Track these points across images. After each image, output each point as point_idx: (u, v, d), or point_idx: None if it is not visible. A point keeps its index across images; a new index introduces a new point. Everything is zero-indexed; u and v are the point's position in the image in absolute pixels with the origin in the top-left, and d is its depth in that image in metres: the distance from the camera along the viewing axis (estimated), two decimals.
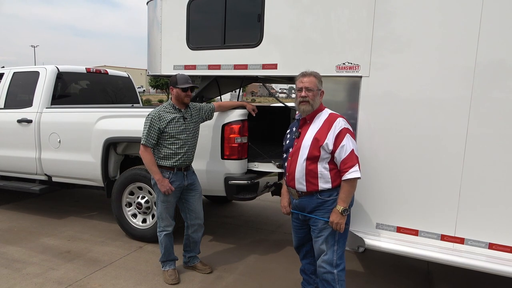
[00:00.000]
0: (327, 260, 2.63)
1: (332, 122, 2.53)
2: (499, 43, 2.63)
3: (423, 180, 2.93)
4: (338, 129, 2.51)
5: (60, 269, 3.67)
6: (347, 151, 2.48)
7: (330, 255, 2.63)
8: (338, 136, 2.49)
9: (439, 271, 3.75)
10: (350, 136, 2.53)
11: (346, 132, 2.51)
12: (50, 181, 4.98)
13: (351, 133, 2.56)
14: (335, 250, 2.62)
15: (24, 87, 5.12)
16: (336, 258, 2.63)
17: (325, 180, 2.55)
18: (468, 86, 2.73)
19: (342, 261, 2.67)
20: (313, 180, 2.57)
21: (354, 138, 2.61)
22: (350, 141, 2.50)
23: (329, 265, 2.63)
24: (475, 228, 2.81)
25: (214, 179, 3.81)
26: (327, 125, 2.54)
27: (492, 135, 2.70)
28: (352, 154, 2.48)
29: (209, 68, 3.85)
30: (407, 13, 2.89)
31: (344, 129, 2.52)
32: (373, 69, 3.04)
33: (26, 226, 4.89)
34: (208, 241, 4.42)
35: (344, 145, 2.48)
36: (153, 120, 3.26)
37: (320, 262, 2.67)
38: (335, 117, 2.57)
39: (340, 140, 2.48)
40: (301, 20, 3.35)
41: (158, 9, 4.10)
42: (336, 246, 2.62)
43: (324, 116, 2.60)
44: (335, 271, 2.62)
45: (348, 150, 2.48)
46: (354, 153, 2.49)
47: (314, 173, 2.55)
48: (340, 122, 2.54)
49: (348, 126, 2.56)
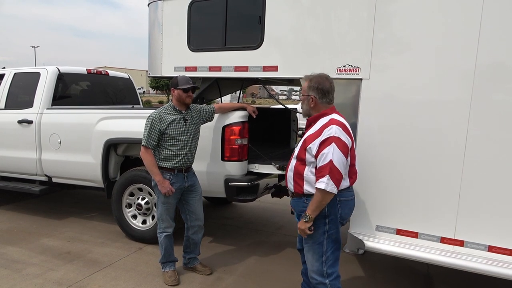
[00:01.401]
0: (316, 271, 2.56)
1: (325, 128, 2.44)
2: (499, 45, 2.64)
3: (423, 182, 2.93)
4: (325, 136, 2.38)
5: (60, 270, 3.68)
6: (325, 160, 2.34)
7: (319, 266, 2.54)
8: (323, 143, 2.39)
9: (439, 274, 3.75)
10: (336, 145, 2.35)
11: (332, 140, 2.36)
12: (50, 182, 4.98)
13: (340, 143, 2.36)
14: (324, 261, 2.53)
15: (24, 88, 5.12)
16: (325, 268, 2.54)
17: (310, 184, 2.48)
18: (468, 88, 2.73)
19: (335, 269, 2.57)
20: (299, 182, 2.54)
21: (346, 150, 2.39)
22: (332, 151, 2.34)
23: (320, 276, 2.55)
24: (474, 230, 2.81)
25: (214, 181, 3.81)
26: (319, 130, 2.46)
27: (492, 138, 2.70)
28: (328, 165, 2.33)
29: (210, 69, 3.86)
30: (407, 15, 2.90)
31: (332, 137, 2.37)
32: (374, 71, 3.04)
33: (26, 227, 4.89)
34: (208, 242, 4.42)
35: (324, 153, 2.35)
36: (153, 121, 3.27)
37: (310, 273, 2.61)
38: (330, 123, 2.43)
39: (324, 147, 2.37)
40: (301, 22, 3.36)
41: (159, 10, 4.11)
42: (324, 257, 2.53)
43: (324, 121, 2.51)
44: (327, 281, 2.53)
45: (326, 159, 2.34)
46: (331, 164, 2.32)
47: (301, 175, 2.52)
48: (331, 129, 2.39)
49: (339, 135, 2.38)
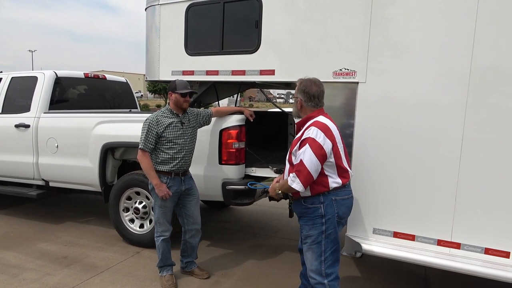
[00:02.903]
0: (315, 270, 2.58)
1: (305, 130, 2.51)
2: (493, 49, 2.67)
3: (419, 185, 2.95)
4: (304, 137, 2.47)
5: (57, 275, 3.66)
6: (297, 159, 2.44)
7: (317, 265, 2.57)
8: (301, 143, 2.47)
9: (436, 276, 3.75)
10: (310, 146, 2.39)
11: (307, 141, 2.42)
12: (47, 186, 4.97)
13: (314, 144, 2.40)
14: (323, 261, 2.56)
15: (22, 92, 5.12)
16: (324, 268, 2.56)
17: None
18: (463, 92, 2.76)
19: (334, 270, 2.59)
20: None
21: (319, 151, 2.39)
22: (304, 151, 2.41)
23: (319, 275, 2.57)
24: (471, 233, 2.83)
25: (211, 184, 3.81)
26: (303, 133, 2.53)
27: (487, 140, 2.72)
28: (298, 164, 2.42)
29: (207, 73, 3.87)
30: (403, 20, 2.92)
31: (308, 138, 2.43)
32: (370, 75, 3.06)
33: (22, 232, 4.87)
34: (206, 246, 4.42)
35: (299, 153, 2.44)
36: (151, 124, 3.27)
37: (309, 272, 2.64)
38: (311, 125, 2.49)
39: (300, 147, 2.46)
40: (298, 26, 3.38)
41: (156, 14, 4.12)
42: (323, 256, 2.55)
43: (308, 124, 2.56)
44: (325, 281, 2.56)
45: (299, 158, 2.43)
46: (302, 163, 2.39)
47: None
48: (310, 131, 2.45)
49: (315, 137, 2.41)
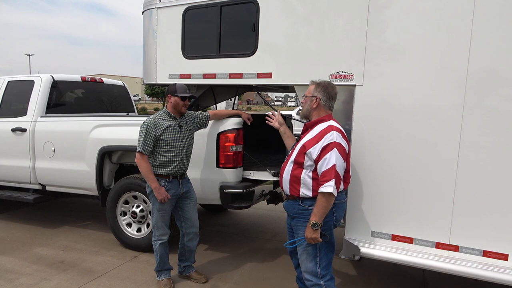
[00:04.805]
0: (310, 272, 2.60)
1: (325, 134, 2.50)
2: (490, 51, 2.67)
3: (417, 188, 2.95)
4: (327, 142, 2.46)
5: (53, 280, 3.63)
6: (328, 164, 2.43)
7: (313, 267, 2.59)
8: (324, 148, 2.46)
9: (434, 279, 3.75)
10: (338, 151, 2.44)
11: (334, 146, 2.45)
12: (44, 190, 4.95)
13: (340, 149, 2.47)
14: (318, 262, 2.59)
15: (18, 95, 5.10)
16: (319, 269, 2.59)
17: (307, 187, 2.55)
18: (461, 94, 2.76)
19: (328, 271, 2.63)
20: (295, 185, 2.59)
21: (345, 155, 2.51)
22: (334, 156, 2.43)
23: (314, 277, 2.60)
24: (469, 235, 2.83)
25: (209, 188, 3.80)
26: (319, 136, 2.53)
27: (485, 143, 2.73)
28: (332, 169, 2.41)
29: (204, 77, 3.87)
30: (400, 23, 2.93)
31: (334, 143, 2.45)
32: (367, 78, 3.07)
33: (19, 236, 4.83)
34: (204, 250, 4.40)
35: (327, 158, 2.43)
36: (149, 127, 3.26)
37: (304, 274, 2.65)
38: (330, 129, 2.52)
39: (326, 152, 2.45)
40: (295, 30, 3.39)
41: (153, 18, 4.13)
42: (318, 257, 2.58)
43: (322, 126, 2.58)
44: (321, 282, 2.58)
45: (329, 164, 2.42)
46: (334, 168, 2.41)
47: (297, 178, 2.57)
48: (332, 135, 2.48)
49: (340, 141, 2.48)
